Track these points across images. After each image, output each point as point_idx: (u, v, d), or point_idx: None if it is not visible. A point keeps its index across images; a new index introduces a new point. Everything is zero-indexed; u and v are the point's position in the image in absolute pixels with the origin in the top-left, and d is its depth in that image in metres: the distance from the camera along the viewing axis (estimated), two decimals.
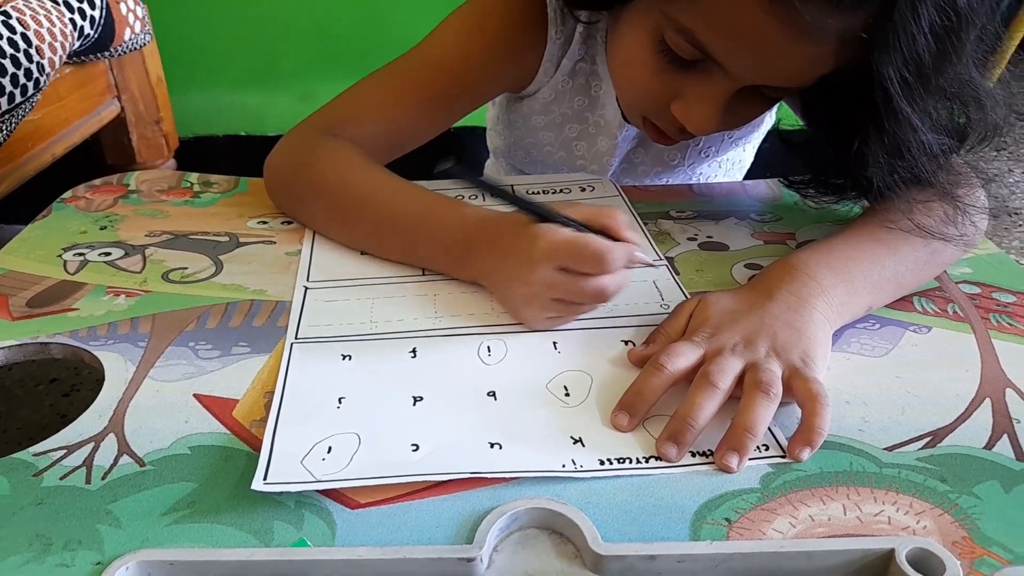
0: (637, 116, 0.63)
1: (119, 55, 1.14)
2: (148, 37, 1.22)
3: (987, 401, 0.45)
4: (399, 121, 0.66)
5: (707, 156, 0.78)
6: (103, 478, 0.39)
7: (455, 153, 0.50)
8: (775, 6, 0.46)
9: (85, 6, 0.98)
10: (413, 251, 0.58)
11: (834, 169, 0.54)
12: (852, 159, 0.52)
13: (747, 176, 0.88)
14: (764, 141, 0.83)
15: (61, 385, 1.15)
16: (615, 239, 0.49)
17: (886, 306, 0.54)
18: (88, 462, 0.40)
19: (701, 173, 0.82)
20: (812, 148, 0.60)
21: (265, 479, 0.38)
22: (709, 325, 0.47)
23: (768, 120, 0.78)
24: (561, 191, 0.71)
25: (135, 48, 1.17)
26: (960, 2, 0.45)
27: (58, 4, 0.93)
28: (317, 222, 0.64)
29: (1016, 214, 1.78)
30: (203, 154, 1.65)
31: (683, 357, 0.45)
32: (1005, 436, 0.43)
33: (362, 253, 0.61)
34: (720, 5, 0.49)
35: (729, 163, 0.83)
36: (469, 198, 0.69)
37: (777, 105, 0.76)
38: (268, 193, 0.68)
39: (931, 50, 0.46)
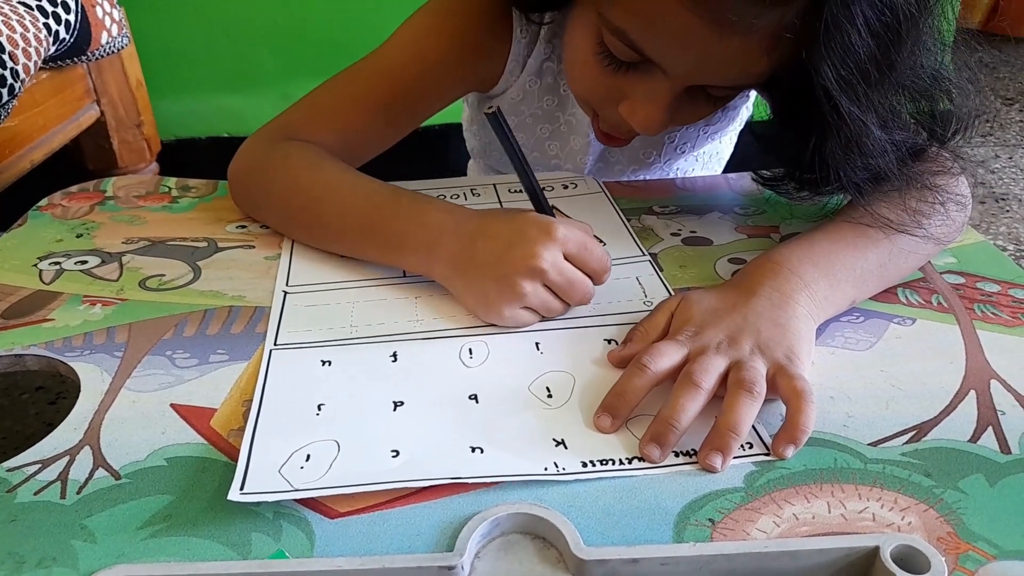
0: (590, 112, 0.63)
1: (97, 59, 1.13)
2: (126, 40, 1.20)
3: (972, 393, 0.45)
4: (351, 127, 0.65)
5: (683, 152, 0.77)
6: (78, 492, 0.39)
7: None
8: (696, 2, 0.46)
9: (60, 10, 0.97)
10: (370, 242, 0.57)
11: (805, 164, 0.54)
12: (812, 155, 0.51)
13: (725, 170, 0.87)
14: (743, 134, 0.83)
15: (47, 393, 1.15)
16: None
17: (870, 298, 0.54)
18: (63, 476, 0.40)
19: (678, 168, 0.81)
20: (782, 143, 0.60)
21: (242, 489, 0.38)
22: (693, 324, 0.47)
23: (745, 113, 0.78)
24: (543, 189, 0.71)
25: (113, 52, 1.16)
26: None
27: (32, 9, 0.91)
28: (277, 225, 0.64)
29: (1003, 200, 1.78)
30: (186, 157, 1.63)
31: (666, 357, 0.44)
32: (990, 428, 0.42)
33: (342, 257, 0.60)
34: (646, 2, 0.48)
35: (706, 156, 0.83)
36: (451, 198, 0.68)
37: (754, 97, 0.76)
38: (232, 198, 0.68)
39: (869, 49, 0.45)
